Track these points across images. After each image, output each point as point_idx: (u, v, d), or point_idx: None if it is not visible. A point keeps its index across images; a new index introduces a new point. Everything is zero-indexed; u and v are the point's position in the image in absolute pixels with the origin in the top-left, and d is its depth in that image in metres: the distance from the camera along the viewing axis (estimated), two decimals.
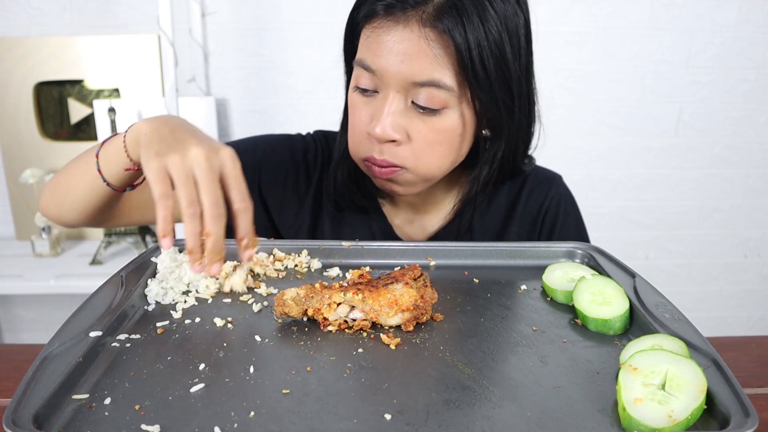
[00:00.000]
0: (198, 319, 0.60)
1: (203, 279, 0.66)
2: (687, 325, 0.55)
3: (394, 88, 0.73)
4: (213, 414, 0.44)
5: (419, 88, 0.72)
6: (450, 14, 0.69)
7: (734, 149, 2.00)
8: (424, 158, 0.76)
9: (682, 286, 2.14)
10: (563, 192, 0.96)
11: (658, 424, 0.42)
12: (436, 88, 0.71)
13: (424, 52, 0.70)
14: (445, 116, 0.74)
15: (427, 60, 0.70)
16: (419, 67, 0.70)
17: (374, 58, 0.73)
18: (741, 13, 1.85)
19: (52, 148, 1.80)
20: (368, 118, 0.76)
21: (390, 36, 0.71)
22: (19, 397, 0.43)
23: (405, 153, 0.75)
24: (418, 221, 0.93)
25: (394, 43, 0.71)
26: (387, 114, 0.73)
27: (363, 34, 0.76)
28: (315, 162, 0.94)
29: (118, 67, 1.76)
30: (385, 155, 0.76)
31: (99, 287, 0.61)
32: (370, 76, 0.74)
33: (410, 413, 0.45)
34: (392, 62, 0.71)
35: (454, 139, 0.76)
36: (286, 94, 1.84)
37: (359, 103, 0.77)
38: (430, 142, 0.75)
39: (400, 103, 0.74)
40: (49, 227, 1.74)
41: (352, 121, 0.79)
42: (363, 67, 0.74)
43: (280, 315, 0.58)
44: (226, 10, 1.76)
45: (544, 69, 1.85)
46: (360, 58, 0.75)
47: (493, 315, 0.62)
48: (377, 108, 0.75)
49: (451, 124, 0.75)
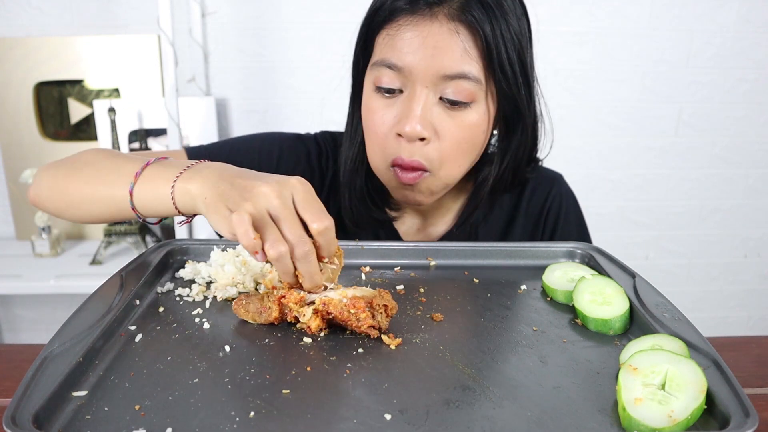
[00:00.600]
0: (198, 319, 0.60)
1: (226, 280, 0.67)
2: (687, 325, 0.55)
3: (423, 83, 0.73)
4: (213, 414, 0.44)
5: (448, 82, 0.73)
6: (476, 7, 0.72)
7: (734, 149, 2.00)
8: (449, 158, 0.77)
9: (682, 286, 2.14)
10: (564, 191, 0.97)
11: (658, 424, 0.42)
12: (466, 80, 0.73)
13: (455, 45, 0.71)
14: (473, 110, 0.75)
15: (457, 52, 0.72)
16: (450, 59, 0.72)
17: (401, 55, 0.73)
18: (741, 13, 1.85)
19: (52, 148, 1.80)
20: (393, 119, 0.76)
21: (417, 31, 0.72)
22: (19, 397, 0.43)
23: (432, 153, 0.76)
24: (425, 229, 0.94)
25: (424, 38, 0.72)
26: (417, 110, 0.73)
27: (382, 35, 0.76)
28: (328, 166, 0.94)
29: (118, 67, 1.76)
30: (416, 156, 0.75)
31: (99, 287, 0.61)
32: (394, 74, 0.74)
33: (410, 413, 0.45)
34: (422, 56, 0.72)
35: (478, 135, 0.78)
36: (286, 94, 1.84)
37: (381, 106, 0.77)
38: (457, 139, 0.76)
39: (430, 98, 0.74)
40: (49, 227, 1.73)
41: (372, 125, 0.78)
42: (387, 65, 0.74)
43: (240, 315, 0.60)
44: (226, 10, 1.76)
45: (544, 69, 1.85)
46: (382, 58, 0.75)
47: (493, 315, 0.62)
48: (405, 106, 0.75)
49: (478, 119, 0.76)
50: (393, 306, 0.57)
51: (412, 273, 0.73)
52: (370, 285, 0.69)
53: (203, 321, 0.59)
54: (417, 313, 0.62)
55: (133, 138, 1.77)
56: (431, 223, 0.94)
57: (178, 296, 0.65)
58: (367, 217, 0.89)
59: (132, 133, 1.77)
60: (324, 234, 0.56)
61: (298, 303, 0.56)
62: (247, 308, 0.59)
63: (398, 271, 0.73)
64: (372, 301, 0.55)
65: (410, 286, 0.69)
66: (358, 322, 0.54)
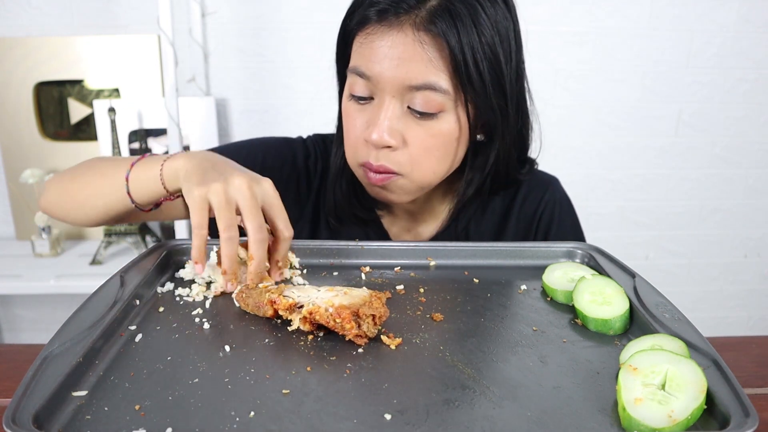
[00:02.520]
0: (198, 320, 0.60)
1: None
2: (687, 325, 0.55)
3: (390, 93, 0.73)
4: (213, 414, 0.44)
5: (415, 92, 0.72)
6: (443, 18, 0.69)
7: (734, 149, 2.00)
8: (420, 164, 0.76)
9: (682, 286, 2.14)
10: (559, 196, 0.96)
11: (658, 424, 0.42)
12: (432, 91, 0.72)
13: (418, 56, 0.70)
14: (442, 120, 0.74)
15: (422, 63, 0.70)
16: (415, 70, 0.71)
17: (369, 64, 0.73)
18: (741, 13, 1.85)
19: (52, 148, 1.80)
20: (364, 124, 0.76)
21: (384, 41, 0.71)
22: (19, 397, 0.43)
23: (402, 159, 0.76)
24: (414, 229, 0.94)
25: (389, 48, 0.71)
26: (383, 119, 0.73)
27: (356, 41, 0.76)
28: (315, 168, 0.94)
29: (118, 67, 1.76)
30: (382, 161, 0.76)
31: (99, 287, 0.61)
32: (364, 83, 0.74)
33: (410, 413, 0.45)
34: (387, 67, 0.71)
35: (450, 143, 0.76)
36: (286, 94, 1.84)
37: (354, 111, 0.77)
38: (426, 147, 0.75)
39: (396, 108, 0.74)
40: (49, 227, 1.74)
41: (347, 128, 0.79)
42: (357, 74, 0.75)
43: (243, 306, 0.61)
44: (226, 10, 1.76)
45: (544, 69, 1.85)
46: (354, 66, 0.75)
47: (493, 315, 0.62)
48: (373, 114, 0.75)
49: (448, 128, 0.75)
50: (382, 314, 0.56)
51: (412, 273, 0.73)
52: (369, 285, 0.69)
53: (203, 321, 0.59)
54: (417, 313, 0.62)
55: (133, 138, 1.77)
56: (421, 223, 0.93)
57: (178, 296, 0.65)
58: (352, 215, 0.89)
59: (132, 133, 1.77)
60: (286, 242, 0.66)
61: (288, 309, 0.57)
62: (246, 301, 0.61)
63: (398, 271, 0.73)
64: (358, 310, 0.54)
65: (410, 286, 0.69)
66: (344, 331, 0.54)
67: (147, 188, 0.72)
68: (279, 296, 0.58)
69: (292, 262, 0.73)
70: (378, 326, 0.56)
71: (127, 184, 0.73)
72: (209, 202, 0.62)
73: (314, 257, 0.75)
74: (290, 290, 0.59)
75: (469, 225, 0.91)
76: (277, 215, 0.65)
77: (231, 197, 0.62)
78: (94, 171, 0.79)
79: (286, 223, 0.66)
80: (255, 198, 0.63)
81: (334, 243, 0.76)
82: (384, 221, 0.93)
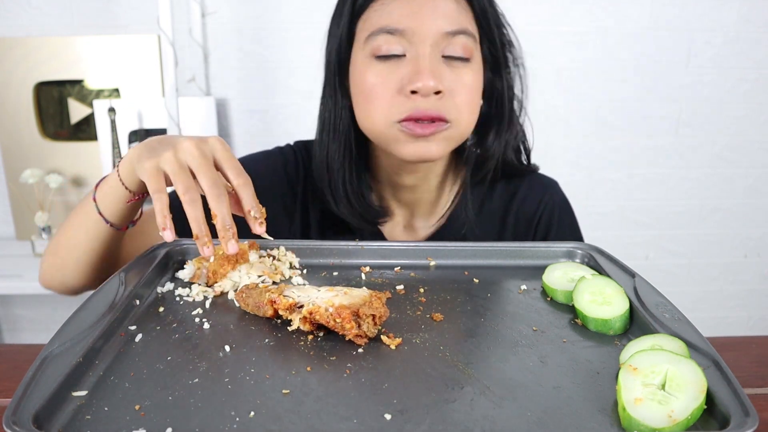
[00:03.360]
0: (198, 320, 0.60)
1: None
2: (687, 325, 0.55)
3: (427, 42, 0.76)
4: (213, 414, 0.44)
5: (451, 39, 0.76)
6: None
7: (734, 149, 2.00)
8: (463, 110, 0.79)
9: (682, 286, 2.14)
10: (558, 199, 0.95)
11: (658, 424, 0.42)
12: (465, 35, 0.77)
13: (450, 3, 0.77)
14: (472, 67, 0.79)
15: (456, 10, 0.77)
16: (449, 17, 0.76)
17: (400, 18, 0.76)
18: (741, 13, 1.85)
19: (52, 148, 1.80)
20: (399, 81, 0.76)
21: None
22: (19, 397, 0.43)
23: (449, 105, 0.77)
24: (409, 227, 0.93)
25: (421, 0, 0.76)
26: (427, 67, 0.75)
27: (373, 8, 0.78)
28: (297, 174, 0.93)
29: (118, 67, 1.76)
30: (434, 109, 0.76)
31: (99, 287, 0.61)
32: (395, 39, 0.76)
33: (410, 413, 0.45)
34: (423, 16, 0.75)
35: (478, 93, 0.82)
36: (286, 94, 1.84)
37: (383, 72, 0.77)
38: (465, 92, 0.79)
39: (434, 56, 0.76)
40: (49, 227, 1.74)
41: (371, 93, 0.78)
42: (388, 32, 0.76)
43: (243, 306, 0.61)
44: (226, 10, 1.76)
45: (544, 69, 1.85)
46: (381, 26, 0.77)
47: (493, 315, 0.62)
48: (413, 66, 0.76)
49: (477, 76, 0.80)
50: (382, 314, 0.56)
51: (412, 273, 0.73)
52: (369, 285, 0.69)
53: (203, 321, 0.59)
54: (417, 313, 0.62)
55: (133, 138, 1.77)
56: (417, 220, 0.93)
57: (178, 296, 0.65)
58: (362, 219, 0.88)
59: (132, 133, 1.77)
60: (245, 186, 0.64)
61: (288, 309, 0.57)
62: (246, 301, 0.60)
63: (398, 271, 0.73)
64: (358, 310, 0.54)
65: (410, 286, 0.68)
66: (344, 331, 0.54)
67: (112, 197, 0.71)
68: (279, 296, 0.58)
69: (292, 262, 0.73)
70: (378, 326, 0.56)
71: (96, 204, 0.72)
72: (163, 171, 0.62)
73: (314, 257, 0.75)
74: (290, 290, 0.59)
75: (466, 228, 0.91)
76: (226, 167, 0.64)
77: (182, 161, 0.62)
78: (70, 218, 0.78)
79: (239, 170, 0.64)
80: (205, 156, 0.62)
81: (334, 243, 0.76)
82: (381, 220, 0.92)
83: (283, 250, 0.74)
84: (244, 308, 0.61)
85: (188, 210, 0.60)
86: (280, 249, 0.74)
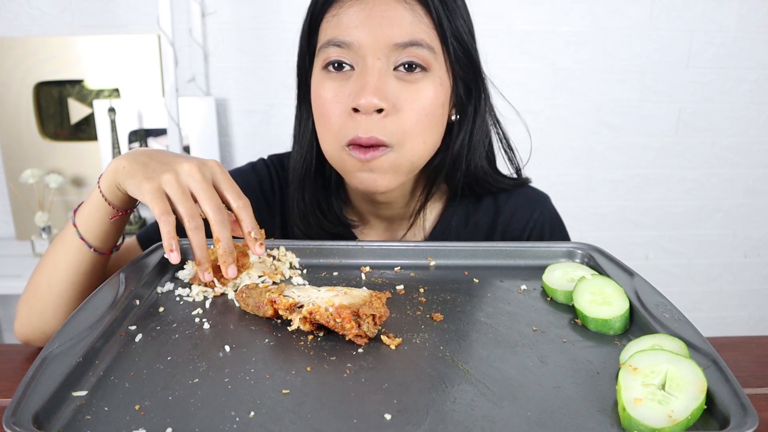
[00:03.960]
0: (198, 320, 0.60)
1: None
2: (687, 325, 0.55)
3: (375, 55, 0.71)
4: (213, 414, 0.44)
5: (401, 51, 0.71)
6: None
7: (734, 149, 2.00)
8: (411, 132, 0.73)
9: (682, 286, 2.14)
10: (548, 215, 0.92)
11: (658, 424, 0.42)
12: (419, 47, 0.72)
13: (403, 13, 0.71)
14: (429, 81, 0.74)
15: (407, 19, 0.71)
16: (399, 27, 0.71)
17: (348, 30, 0.72)
18: (741, 13, 1.85)
19: (52, 148, 1.80)
20: (347, 97, 0.73)
21: (362, 5, 0.71)
22: (19, 397, 0.43)
23: (392, 127, 0.72)
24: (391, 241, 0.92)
25: (371, 10, 0.71)
26: (371, 81, 0.71)
27: (326, 19, 0.75)
28: (272, 190, 0.92)
29: (118, 67, 1.76)
30: (372, 132, 0.71)
31: (99, 287, 0.61)
32: (344, 52, 0.73)
33: (410, 413, 0.45)
34: (371, 27, 0.71)
35: (437, 108, 0.75)
36: (286, 94, 1.84)
37: (332, 87, 0.74)
38: (416, 110, 0.73)
39: (383, 70, 0.72)
40: (49, 227, 1.73)
41: (324, 109, 0.75)
42: (336, 44, 0.73)
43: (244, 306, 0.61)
44: (226, 10, 1.76)
45: (544, 69, 1.85)
46: (330, 38, 0.73)
47: (493, 315, 0.62)
48: (358, 80, 0.72)
49: (434, 90, 0.74)
50: (382, 314, 0.56)
51: (412, 273, 0.73)
52: (369, 285, 0.69)
53: (203, 321, 0.59)
54: (417, 313, 0.62)
55: (133, 138, 1.77)
56: (398, 232, 0.91)
57: (178, 296, 0.65)
58: (320, 230, 0.86)
59: (132, 133, 1.77)
60: (245, 209, 0.64)
61: (288, 309, 0.57)
62: (246, 301, 0.60)
63: (398, 271, 0.73)
64: (358, 310, 0.55)
65: (410, 286, 0.68)
66: (344, 330, 0.54)
67: (95, 215, 0.69)
68: (279, 296, 0.58)
69: (292, 262, 0.73)
70: (378, 326, 0.56)
71: (77, 230, 0.69)
72: (165, 193, 0.62)
73: (314, 257, 0.75)
74: (290, 290, 0.59)
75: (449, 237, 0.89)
76: (226, 189, 0.64)
77: (184, 185, 0.62)
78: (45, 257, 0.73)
79: (237, 193, 0.65)
80: (207, 181, 0.62)
81: (334, 243, 0.76)
82: (358, 233, 0.90)
83: (283, 250, 0.74)
84: (245, 308, 0.61)
85: (192, 237, 0.61)
86: (280, 249, 0.74)
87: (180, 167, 0.62)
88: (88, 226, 0.70)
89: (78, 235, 0.69)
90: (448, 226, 0.89)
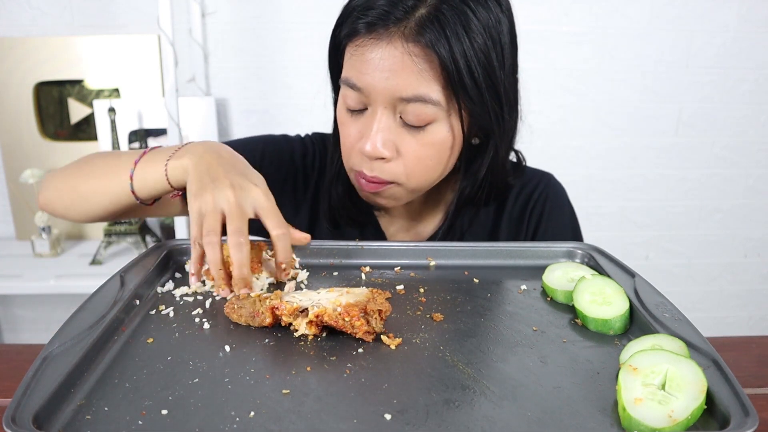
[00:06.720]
0: (198, 320, 0.60)
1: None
2: (687, 325, 0.55)
3: (382, 104, 0.73)
4: (213, 414, 0.44)
5: (406, 104, 0.72)
6: (432, 28, 0.68)
7: (734, 149, 2.00)
8: (413, 173, 0.77)
9: (682, 286, 2.14)
10: (551, 189, 0.94)
11: (658, 424, 0.42)
12: (423, 103, 0.71)
13: (408, 68, 0.70)
14: (434, 130, 0.74)
15: (412, 75, 0.70)
16: (405, 82, 0.70)
17: (359, 76, 0.72)
18: (741, 13, 1.85)
19: (52, 148, 1.80)
20: (357, 134, 0.76)
21: (374, 53, 0.71)
22: (19, 397, 0.43)
23: (396, 169, 0.76)
24: (413, 229, 0.93)
25: (379, 60, 0.70)
26: (376, 131, 0.73)
27: (347, 52, 0.75)
28: (313, 166, 0.94)
29: (118, 67, 1.76)
30: (376, 172, 0.76)
31: (99, 287, 0.61)
32: (356, 94, 0.74)
33: (410, 413, 0.45)
34: (378, 79, 0.71)
35: (443, 152, 0.77)
36: (286, 94, 1.84)
37: (348, 120, 0.78)
38: (420, 156, 0.75)
39: (389, 119, 0.74)
40: (49, 227, 1.73)
41: (342, 137, 0.80)
42: (349, 85, 0.74)
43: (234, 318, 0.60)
44: (226, 10, 1.76)
45: (544, 69, 1.85)
46: (346, 77, 0.75)
47: (493, 315, 0.62)
48: (366, 125, 0.75)
49: (441, 137, 0.75)
50: (387, 309, 0.56)
51: (412, 273, 0.73)
52: (369, 285, 0.69)
53: (203, 321, 0.59)
54: (417, 313, 0.62)
55: (133, 138, 1.77)
56: (419, 223, 0.93)
57: (178, 296, 0.65)
58: (348, 218, 0.90)
59: (132, 133, 1.77)
60: (283, 238, 0.66)
61: (292, 314, 0.56)
62: (239, 312, 0.59)
63: (398, 271, 0.73)
64: (366, 307, 0.55)
65: (410, 286, 0.69)
66: (354, 329, 0.54)
67: (152, 187, 0.73)
68: (281, 302, 0.57)
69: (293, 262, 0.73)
70: (383, 320, 0.56)
71: (131, 182, 0.74)
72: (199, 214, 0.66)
73: (314, 257, 0.75)
74: (288, 296, 0.59)
75: (464, 224, 0.91)
76: (267, 216, 0.66)
77: (218, 206, 0.65)
78: (96, 167, 0.79)
79: (277, 222, 0.66)
80: (240, 206, 0.65)
81: (334, 243, 0.76)
82: (381, 222, 0.93)
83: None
84: (236, 320, 0.59)
85: (207, 252, 0.64)
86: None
87: (221, 191, 0.65)
88: (142, 188, 0.74)
89: (130, 187, 0.74)
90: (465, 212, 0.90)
